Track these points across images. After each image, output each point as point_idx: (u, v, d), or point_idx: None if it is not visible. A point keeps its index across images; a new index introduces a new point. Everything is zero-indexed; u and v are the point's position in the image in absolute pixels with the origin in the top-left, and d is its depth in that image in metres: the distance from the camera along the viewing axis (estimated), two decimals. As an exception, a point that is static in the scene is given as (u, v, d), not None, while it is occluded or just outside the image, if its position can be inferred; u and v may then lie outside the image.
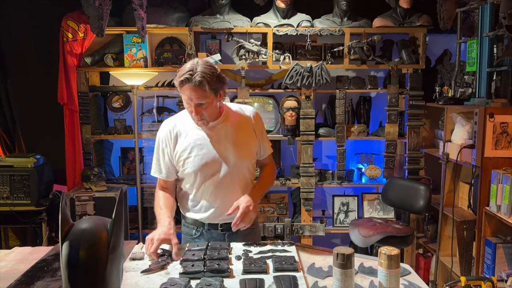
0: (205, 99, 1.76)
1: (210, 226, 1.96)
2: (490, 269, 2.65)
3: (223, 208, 1.89)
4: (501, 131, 2.64)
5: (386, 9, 3.51)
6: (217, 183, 1.90)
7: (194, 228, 1.99)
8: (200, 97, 1.74)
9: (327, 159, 3.99)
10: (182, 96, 1.78)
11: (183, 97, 1.79)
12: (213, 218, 1.95)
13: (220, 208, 1.92)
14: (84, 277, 1.21)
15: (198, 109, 1.78)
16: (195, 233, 1.99)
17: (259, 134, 1.99)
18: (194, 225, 1.99)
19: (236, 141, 1.90)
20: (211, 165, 1.88)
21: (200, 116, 1.80)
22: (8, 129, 3.74)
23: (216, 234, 1.96)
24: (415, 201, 3.03)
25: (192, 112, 1.80)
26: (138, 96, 3.59)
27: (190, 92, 1.73)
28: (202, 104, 1.77)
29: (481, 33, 3.04)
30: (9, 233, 3.48)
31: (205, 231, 1.97)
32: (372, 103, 3.77)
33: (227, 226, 1.92)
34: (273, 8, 3.50)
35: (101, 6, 2.89)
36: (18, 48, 3.66)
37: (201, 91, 1.73)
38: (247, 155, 1.94)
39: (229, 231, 1.93)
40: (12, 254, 1.86)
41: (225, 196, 1.91)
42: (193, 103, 1.76)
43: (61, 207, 1.24)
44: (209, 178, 1.90)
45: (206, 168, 1.88)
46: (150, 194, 3.64)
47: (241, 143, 1.92)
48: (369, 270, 1.67)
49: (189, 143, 1.89)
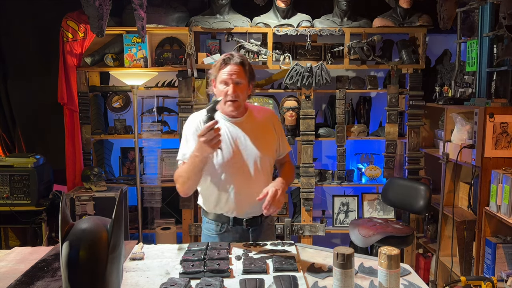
0: (243, 79, 1.88)
1: (235, 222, 1.98)
2: (490, 269, 2.65)
3: (249, 203, 1.94)
4: (501, 131, 2.64)
5: (386, 9, 3.51)
6: (242, 177, 1.94)
7: (219, 225, 2.01)
8: (239, 75, 1.86)
9: (327, 159, 3.99)
10: (220, 78, 1.87)
11: (221, 79, 1.87)
12: (239, 213, 1.97)
13: (245, 203, 1.95)
14: (84, 277, 1.21)
15: (235, 88, 1.87)
16: (221, 229, 2.00)
17: (279, 132, 2.07)
18: (218, 221, 2.01)
19: (260, 137, 1.98)
20: (237, 159, 1.92)
21: (236, 95, 1.87)
22: (8, 129, 3.74)
23: (241, 230, 2.00)
24: (415, 201, 3.03)
25: (228, 92, 1.86)
26: (138, 96, 3.59)
27: (231, 69, 1.85)
28: (239, 83, 1.87)
29: (481, 33, 3.04)
30: (9, 233, 3.48)
31: (230, 227, 1.99)
32: (372, 103, 3.77)
33: (252, 221, 1.99)
34: (273, 8, 3.50)
35: (101, 6, 2.89)
36: (18, 48, 3.66)
37: (241, 69, 1.88)
38: (269, 151, 2.01)
39: (253, 226, 2.00)
40: (12, 254, 1.86)
41: (250, 190, 1.93)
42: (233, 82, 1.86)
43: (61, 207, 1.24)
44: (235, 173, 1.93)
45: (232, 163, 1.91)
46: (150, 194, 3.64)
47: (264, 139, 1.99)
48: (369, 270, 1.67)
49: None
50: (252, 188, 1.93)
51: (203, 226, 2.09)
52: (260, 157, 1.95)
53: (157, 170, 3.71)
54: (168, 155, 3.71)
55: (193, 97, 3.47)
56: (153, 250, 1.87)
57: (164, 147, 3.72)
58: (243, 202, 1.95)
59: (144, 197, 3.62)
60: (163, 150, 3.71)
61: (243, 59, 1.91)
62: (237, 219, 1.98)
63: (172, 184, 3.58)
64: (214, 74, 1.92)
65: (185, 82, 3.45)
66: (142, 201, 3.55)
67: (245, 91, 1.92)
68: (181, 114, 3.48)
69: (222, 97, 1.87)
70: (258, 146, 1.95)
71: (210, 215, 2.03)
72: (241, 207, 1.96)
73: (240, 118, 1.97)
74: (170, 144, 3.76)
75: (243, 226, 1.99)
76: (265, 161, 1.98)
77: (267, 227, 2.08)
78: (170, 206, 3.74)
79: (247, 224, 1.99)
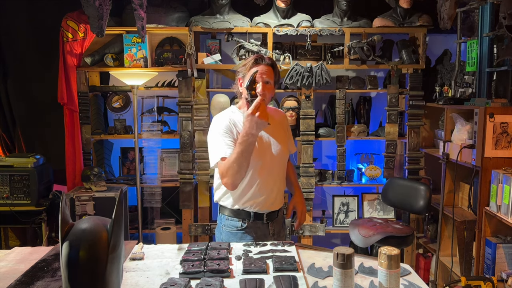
0: (272, 79, 1.99)
1: (256, 217, 2.05)
2: (490, 269, 2.65)
3: (270, 198, 2.06)
4: (501, 131, 2.64)
5: (386, 9, 3.51)
6: (266, 173, 2.03)
7: (240, 220, 2.06)
8: (269, 75, 1.97)
9: (327, 159, 3.99)
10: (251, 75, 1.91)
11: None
12: (261, 208, 2.05)
13: (268, 198, 2.05)
14: (84, 277, 1.21)
15: (264, 86, 1.95)
16: (242, 225, 2.06)
17: (289, 132, 2.21)
18: (239, 217, 2.06)
19: (278, 136, 2.08)
20: (260, 156, 1.99)
21: (264, 94, 1.93)
22: (8, 129, 3.74)
23: (260, 224, 2.07)
24: (415, 201, 3.03)
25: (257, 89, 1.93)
26: (138, 96, 3.59)
27: (262, 68, 1.95)
28: (268, 83, 1.97)
29: (481, 33, 3.04)
30: (9, 233, 3.48)
31: (251, 223, 2.05)
32: (372, 103, 3.77)
33: (271, 216, 2.09)
34: (273, 8, 3.50)
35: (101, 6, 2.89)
36: (18, 48, 3.66)
37: (271, 70, 1.99)
38: (286, 149, 2.12)
39: (271, 220, 2.10)
40: (12, 254, 1.86)
41: (272, 186, 2.06)
42: (262, 80, 1.95)
43: (61, 207, 1.24)
44: (260, 168, 2.00)
45: (255, 159, 1.96)
46: (150, 194, 3.64)
47: (281, 138, 2.10)
48: (369, 270, 1.67)
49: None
50: (274, 184, 2.06)
51: (222, 224, 2.12)
52: (281, 154, 2.08)
53: (157, 170, 3.72)
54: (168, 155, 3.72)
55: (193, 97, 3.47)
56: (153, 250, 1.87)
57: (164, 147, 3.72)
58: (266, 197, 2.04)
59: (144, 197, 3.62)
60: (163, 150, 3.71)
61: (273, 61, 2.02)
62: (258, 214, 2.05)
63: (172, 184, 3.62)
64: (243, 73, 2.00)
65: (185, 82, 3.45)
66: (142, 201, 3.55)
67: (271, 91, 2.01)
68: (181, 114, 3.48)
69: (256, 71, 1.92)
70: (277, 144, 2.06)
71: (230, 212, 2.08)
72: (264, 202, 2.04)
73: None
74: (170, 144, 3.76)
75: (262, 221, 2.07)
76: (284, 158, 2.13)
77: (281, 220, 2.21)
78: (170, 206, 3.75)
79: (267, 219, 2.08)
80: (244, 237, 2.06)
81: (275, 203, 2.10)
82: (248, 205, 2.04)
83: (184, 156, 3.49)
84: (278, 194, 2.10)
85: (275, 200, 2.09)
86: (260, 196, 2.03)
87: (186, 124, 3.48)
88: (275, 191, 2.07)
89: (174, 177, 3.65)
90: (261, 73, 1.95)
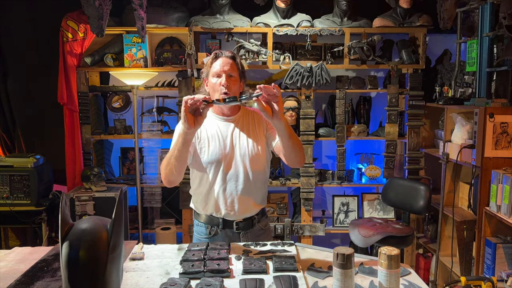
0: (234, 72, 1.89)
1: (225, 225, 1.95)
2: (490, 269, 2.65)
3: (238, 203, 1.91)
4: (501, 131, 2.64)
5: (386, 9, 3.51)
6: (232, 176, 1.91)
7: (209, 228, 1.98)
8: (231, 68, 1.88)
9: (327, 159, 3.99)
10: (212, 73, 1.88)
11: (213, 72, 1.88)
12: (228, 214, 1.93)
13: (232, 204, 1.92)
14: (84, 277, 1.21)
15: (228, 79, 1.86)
16: (210, 232, 1.97)
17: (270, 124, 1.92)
18: (209, 224, 1.97)
19: (252, 136, 1.94)
20: (226, 158, 1.90)
21: (229, 87, 1.85)
22: (8, 129, 3.74)
23: (231, 233, 1.96)
24: (415, 201, 3.03)
25: (221, 82, 1.85)
26: (138, 96, 3.59)
27: (222, 61, 1.88)
28: (232, 76, 1.88)
29: (481, 33, 3.04)
30: (9, 233, 3.48)
31: (219, 230, 1.96)
32: (372, 103, 3.77)
33: (242, 225, 1.95)
34: (273, 8, 3.50)
35: (101, 6, 2.89)
36: (18, 48, 3.66)
37: (233, 62, 1.90)
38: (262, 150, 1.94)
39: (244, 230, 1.96)
40: (12, 254, 1.86)
41: (240, 190, 1.91)
42: (226, 74, 1.86)
43: (61, 207, 1.24)
44: (224, 172, 1.90)
45: (220, 161, 1.89)
46: (150, 194, 3.64)
47: (256, 138, 1.94)
48: (369, 270, 1.67)
49: (209, 134, 1.92)
50: (242, 188, 1.90)
51: (194, 229, 2.05)
52: (251, 156, 1.91)
53: (157, 170, 3.71)
54: (168, 155, 3.71)
55: (193, 97, 3.46)
56: (153, 250, 1.87)
57: (164, 147, 3.72)
58: (231, 202, 1.91)
59: (144, 197, 3.62)
60: (163, 150, 3.71)
61: (233, 54, 1.94)
62: (227, 222, 1.94)
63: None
64: (205, 72, 1.94)
65: (185, 82, 3.45)
66: (142, 201, 3.55)
67: (237, 85, 1.90)
68: (181, 114, 3.47)
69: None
70: (249, 145, 1.92)
71: (201, 218, 2.00)
72: (230, 208, 1.92)
73: (232, 116, 1.96)
74: (170, 144, 3.73)
75: (233, 229, 1.95)
76: (257, 160, 1.93)
77: (260, 232, 2.02)
78: (170, 206, 3.74)
79: (238, 228, 1.95)
80: None
81: (246, 210, 1.93)
82: (213, 210, 1.93)
83: (184, 156, 3.48)
84: (249, 200, 1.92)
85: (246, 207, 1.92)
86: (224, 201, 1.91)
87: (186, 124, 3.47)
88: (246, 196, 1.90)
89: (174, 177, 3.64)
90: (223, 65, 1.87)
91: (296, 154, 1.81)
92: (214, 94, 1.87)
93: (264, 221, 2.05)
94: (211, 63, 1.91)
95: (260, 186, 1.97)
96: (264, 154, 1.96)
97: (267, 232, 2.08)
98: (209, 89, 1.92)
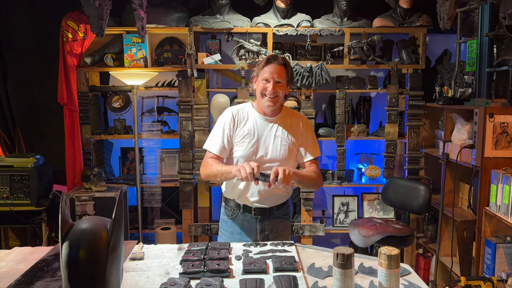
0: (283, 79, 2.02)
1: (245, 209, 2.12)
2: (490, 269, 2.65)
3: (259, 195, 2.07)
4: (501, 131, 2.64)
5: (386, 9, 3.51)
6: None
7: (231, 210, 2.16)
8: (281, 75, 2.01)
9: (327, 159, 3.99)
10: (262, 76, 2.02)
11: (263, 77, 2.01)
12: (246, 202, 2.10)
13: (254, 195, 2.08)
14: (84, 277, 1.21)
15: (276, 86, 2.00)
16: (232, 214, 2.16)
17: (304, 136, 2.14)
18: (230, 206, 2.17)
19: (286, 140, 2.08)
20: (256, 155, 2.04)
21: (275, 92, 2.00)
22: (8, 129, 3.74)
23: (250, 217, 2.12)
24: (415, 201, 3.03)
25: (268, 88, 2.00)
26: (138, 96, 3.59)
27: (274, 69, 2.00)
28: (279, 82, 2.01)
29: (481, 33, 3.04)
30: (9, 233, 3.48)
31: (240, 214, 2.13)
32: (372, 103, 3.77)
33: (260, 211, 2.11)
34: (273, 8, 3.50)
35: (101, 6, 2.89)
36: (18, 48, 3.66)
37: (283, 70, 2.02)
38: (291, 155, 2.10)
39: (261, 215, 2.11)
40: (12, 254, 1.86)
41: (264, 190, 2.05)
42: (274, 80, 1.99)
43: (61, 207, 1.24)
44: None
45: (253, 156, 2.04)
46: (150, 194, 3.64)
47: (288, 142, 2.08)
48: (369, 270, 1.67)
49: (246, 130, 2.07)
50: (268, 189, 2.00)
51: (221, 211, 2.25)
52: (282, 156, 2.06)
53: (157, 170, 3.72)
54: (168, 155, 3.72)
55: (193, 97, 3.47)
56: (153, 250, 1.87)
57: (164, 147, 3.72)
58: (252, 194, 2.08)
59: (144, 197, 3.62)
60: (163, 150, 3.71)
61: (286, 61, 2.05)
62: (246, 207, 2.12)
63: (172, 184, 3.62)
64: (256, 72, 2.07)
65: (185, 82, 3.45)
66: (142, 201, 3.55)
67: (283, 90, 2.04)
68: (181, 114, 3.48)
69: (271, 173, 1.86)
70: (280, 148, 2.06)
71: (225, 200, 2.20)
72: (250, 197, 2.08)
73: (272, 117, 2.09)
74: (170, 144, 3.76)
75: (251, 214, 2.11)
76: (286, 160, 2.06)
77: (279, 221, 2.15)
78: (170, 206, 3.75)
79: (255, 213, 2.11)
80: (232, 226, 2.15)
81: (265, 201, 2.09)
82: (235, 197, 2.12)
83: (184, 156, 3.49)
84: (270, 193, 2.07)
85: (266, 198, 2.08)
86: (246, 191, 2.08)
87: (186, 124, 3.48)
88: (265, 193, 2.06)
89: (174, 177, 3.65)
90: (273, 72, 1.99)
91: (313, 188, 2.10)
92: (259, 94, 2.04)
93: (282, 209, 2.18)
94: (262, 66, 2.03)
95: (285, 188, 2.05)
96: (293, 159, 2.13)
97: (287, 224, 2.21)
98: (256, 87, 2.07)
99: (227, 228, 2.17)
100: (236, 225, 2.15)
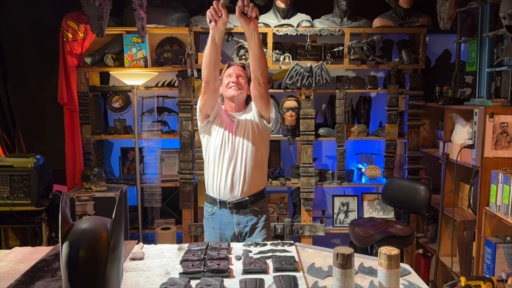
0: (244, 75, 2.29)
1: (221, 205, 2.22)
2: (490, 269, 2.65)
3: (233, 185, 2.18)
4: (501, 131, 2.65)
5: (386, 9, 3.51)
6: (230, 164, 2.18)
7: (210, 206, 2.28)
8: (241, 71, 2.29)
9: (327, 159, 3.99)
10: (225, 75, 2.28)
11: (226, 75, 2.27)
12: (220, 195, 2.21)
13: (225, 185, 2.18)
14: (84, 277, 1.21)
15: (237, 77, 2.26)
16: (211, 211, 2.27)
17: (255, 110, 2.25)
18: (209, 203, 2.28)
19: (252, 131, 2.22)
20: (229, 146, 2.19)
21: (237, 82, 2.24)
22: (8, 129, 3.74)
23: (227, 213, 2.22)
24: (415, 201, 3.03)
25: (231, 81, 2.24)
26: (138, 96, 3.59)
27: (234, 68, 2.29)
28: (241, 76, 2.27)
29: (481, 33, 3.04)
30: (9, 233, 3.48)
31: (217, 210, 2.24)
32: (372, 103, 3.77)
33: (235, 205, 2.20)
34: (273, 8, 3.50)
35: (101, 6, 2.89)
36: (18, 48, 3.66)
37: (243, 69, 2.31)
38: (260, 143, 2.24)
39: (237, 209, 2.20)
40: (12, 254, 1.86)
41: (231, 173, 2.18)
42: (235, 73, 2.27)
43: (61, 207, 1.24)
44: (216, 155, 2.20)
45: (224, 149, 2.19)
46: (150, 194, 3.64)
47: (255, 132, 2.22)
48: (369, 270, 1.67)
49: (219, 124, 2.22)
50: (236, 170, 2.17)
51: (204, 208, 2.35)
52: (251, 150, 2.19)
53: (157, 170, 3.72)
54: (168, 155, 3.72)
55: (193, 97, 3.47)
56: (153, 250, 1.87)
57: (164, 147, 3.72)
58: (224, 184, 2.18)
59: (144, 197, 3.62)
60: (163, 150, 3.71)
61: (244, 64, 2.35)
62: (222, 202, 2.22)
63: (172, 184, 3.62)
64: (221, 78, 2.28)
65: (185, 82, 3.45)
66: (142, 201, 3.55)
67: (245, 85, 2.26)
68: (181, 114, 3.48)
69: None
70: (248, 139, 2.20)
71: (206, 198, 2.31)
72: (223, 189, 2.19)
73: (237, 113, 2.27)
74: (170, 144, 3.76)
75: (228, 210, 2.21)
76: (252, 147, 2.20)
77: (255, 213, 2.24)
78: (170, 206, 3.75)
79: (230, 207, 2.20)
80: (212, 223, 2.27)
81: (237, 191, 2.18)
82: (211, 191, 2.24)
83: (184, 156, 3.49)
84: (240, 182, 2.18)
85: (237, 188, 2.18)
86: (218, 183, 2.20)
87: (186, 124, 3.48)
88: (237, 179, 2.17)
89: (174, 177, 3.65)
90: (234, 69, 2.27)
91: (260, 62, 2.12)
92: (225, 91, 2.26)
93: (258, 203, 2.26)
94: (225, 70, 2.31)
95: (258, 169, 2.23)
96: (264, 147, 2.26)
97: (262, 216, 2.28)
98: (222, 89, 2.28)
99: (209, 224, 2.29)
100: (215, 221, 2.26)
